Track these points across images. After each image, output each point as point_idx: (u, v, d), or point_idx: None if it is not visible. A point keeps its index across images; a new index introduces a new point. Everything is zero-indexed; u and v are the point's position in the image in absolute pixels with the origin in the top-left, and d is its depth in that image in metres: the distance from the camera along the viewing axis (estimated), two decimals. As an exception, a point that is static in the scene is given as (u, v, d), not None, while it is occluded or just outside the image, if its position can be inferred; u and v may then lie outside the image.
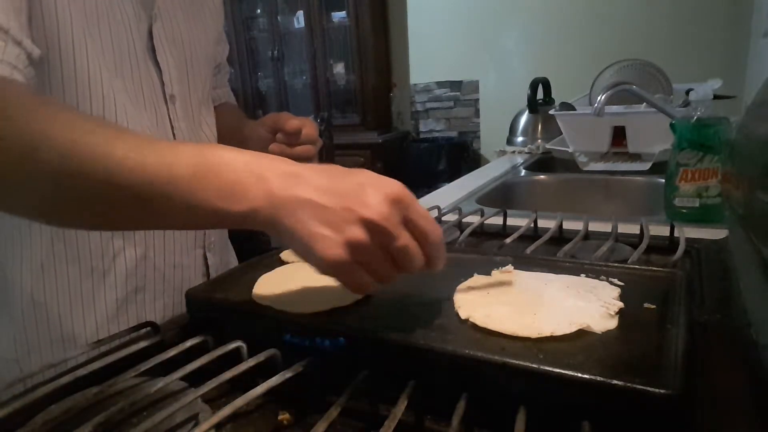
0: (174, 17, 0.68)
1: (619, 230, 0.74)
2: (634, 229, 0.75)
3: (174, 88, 0.68)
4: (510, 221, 0.85)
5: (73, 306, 0.63)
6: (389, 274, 0.41)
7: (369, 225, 0.38)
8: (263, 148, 0.78)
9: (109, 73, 0.60)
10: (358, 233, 0.38)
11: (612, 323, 0.43)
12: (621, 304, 0.45)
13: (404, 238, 0.39)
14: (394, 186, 0.40)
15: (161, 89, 0.67)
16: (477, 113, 3.33)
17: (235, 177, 0.40)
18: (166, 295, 0.70)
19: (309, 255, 0.39)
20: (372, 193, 0.39)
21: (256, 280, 0.56)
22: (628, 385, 0.33)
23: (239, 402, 0.37)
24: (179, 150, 0.41)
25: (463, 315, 0.46)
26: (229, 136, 0.85)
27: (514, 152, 1.78)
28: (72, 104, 0.57)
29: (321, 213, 0.38)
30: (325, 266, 0.39)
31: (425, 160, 3.18)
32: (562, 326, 0.42)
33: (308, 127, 0.77)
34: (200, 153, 0.41)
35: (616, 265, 0.56)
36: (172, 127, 0.69)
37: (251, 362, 0.43)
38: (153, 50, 0.65)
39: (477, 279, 0.54)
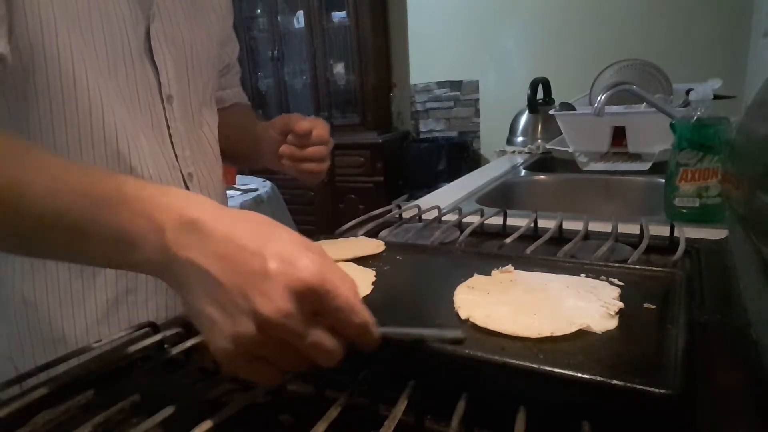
0: (174, 16, 0.68)
1: (619, 230, 0.74)
2: (634, 229, 0.75)
3: (172, 89, 0.67)
4: (510, 221, 0.85)
5: (63, 306, 0.63)
6: (297, 366, 0.35)
7: (263, 321, 0.32)
8: (274, 150, 0.78)
9: (99, 74, 0.59)
10: (248, 328, 0.32)
11: (612, 323, 0.43)
12: (621, 304, 0.45)
13: (312, 336, 0.33)
14: (307, 272, 0.32)
15: (158, 90, 0.66)
16: (477, 113, 3.33)
17: (127, 222, 0.35)
18: (158, 297, 0.68)
19: (200, 333, 0.35)
20: (276, 281, 0.32)
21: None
22: (628, 385, 0.33)
23: (239, 402, 0.37)
24: (71, 183, 0.37)
25: (463, 315, 0.46)
26: (240, 137, 0.84)
27: (514, 152, 1.78)
28: (57, 106, 0.57)
29: (214, 290, 0.33)
30: (214, 355, 0.34)
31: (425, 160, 3.18)
32: (562, 326, 0.42)
33: (319, 128, 0.76)
34: (95, 188, 0.37)
35: (616, 265, 0.56)
36: (168, 128, 0.68)
37: (251, 362, 0.43)
38: (150, 50, 0.65)
39: (477, 279, 0.53)
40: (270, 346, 0.33)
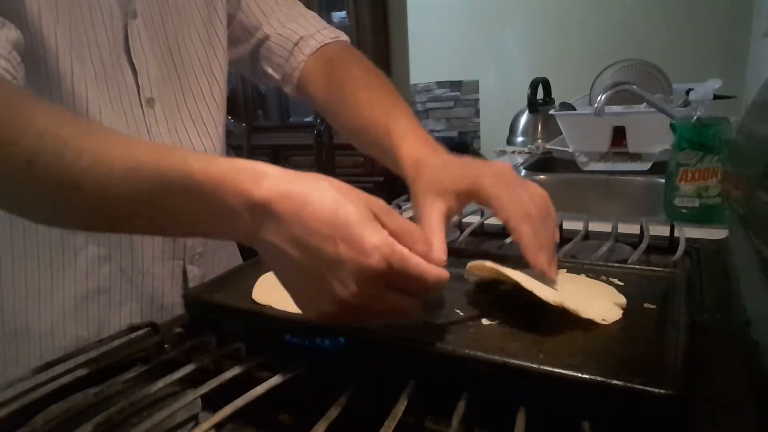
0: (164, 14, 0.63)
1: (619, 230, 0.74)
2: (634, 229, 0.75)
3: (153, 91, 0.63)
4: (510, 221, 0.84)
5: (28, 299, 0.61)
6: (381, 320, 0.40)
7: (340, 301, 0.36)
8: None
9: (79, 69, 0.56)
10: (329, 305, 0.37)
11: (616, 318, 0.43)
12: (624, 300, 0.46)
13: (385, 303, 0.37)
14: (374, 258, 0.35)
15: (136, 92, 0.62)
16: (477, 113, 3.34)
17: (202, 207, 0.38)
18: (134, 302, 0.65)
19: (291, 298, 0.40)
20: (348, 266, 0.35)
21: (256, 280, 0.56)
22: (628, 385, 0.33)
23: (239, 402, 0.37)
24: (146, 163, 0.38)
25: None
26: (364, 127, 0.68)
27: (514, 152, 1.78)
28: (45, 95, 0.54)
29: (297, 270, 0.37)
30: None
31: (425, 160, 3.17)
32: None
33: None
34: (169, 170, 0.38)
35: (616, 265, 0.56)
36: (149, 133, 0.63)
37: (251, 362, 0.43)
38: (129, 50, 0.61)
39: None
40: (350, 314, 0.38)
